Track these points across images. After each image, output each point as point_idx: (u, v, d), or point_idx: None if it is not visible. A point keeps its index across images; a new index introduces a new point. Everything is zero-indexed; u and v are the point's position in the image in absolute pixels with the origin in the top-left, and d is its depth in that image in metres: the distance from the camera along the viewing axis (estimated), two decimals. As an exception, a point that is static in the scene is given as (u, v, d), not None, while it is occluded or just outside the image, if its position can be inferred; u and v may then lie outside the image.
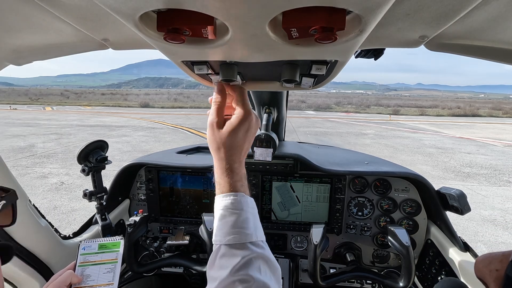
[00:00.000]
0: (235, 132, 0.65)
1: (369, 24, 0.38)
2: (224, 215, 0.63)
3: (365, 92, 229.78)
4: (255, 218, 0.66)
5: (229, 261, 0.59)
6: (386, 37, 0.56)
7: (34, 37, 0.62)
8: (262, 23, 0.39)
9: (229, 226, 0.62)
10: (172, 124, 15.50)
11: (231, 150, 0.66)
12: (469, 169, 7.61)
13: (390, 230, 1.23)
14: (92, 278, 0.75)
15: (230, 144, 0.66)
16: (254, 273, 0.57)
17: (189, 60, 0.58)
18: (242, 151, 0.68)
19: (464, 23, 0.49)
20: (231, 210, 0.63)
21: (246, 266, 0.57)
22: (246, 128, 0.67)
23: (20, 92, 57.68)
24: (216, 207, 0.66)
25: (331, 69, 0.62)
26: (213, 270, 0.61)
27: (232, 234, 0.61)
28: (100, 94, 59.33)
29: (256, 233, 0.63)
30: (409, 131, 14.69)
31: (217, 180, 0.67)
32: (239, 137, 0.66)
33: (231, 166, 0.66)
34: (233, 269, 0.57)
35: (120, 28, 0.57)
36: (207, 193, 1.64)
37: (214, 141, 0.67)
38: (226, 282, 0.57)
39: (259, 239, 0.63)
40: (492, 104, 43.01)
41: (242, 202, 0.64)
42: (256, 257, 0.59)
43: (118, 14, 0.38)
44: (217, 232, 0.63)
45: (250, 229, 0.62)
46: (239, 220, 0.62)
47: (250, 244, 0.60)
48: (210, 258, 0.63)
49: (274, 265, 0.62)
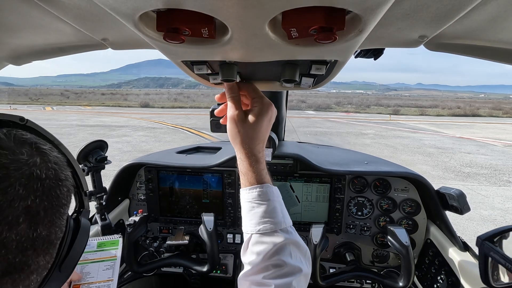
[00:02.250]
0: (260, 123, 0.68)
1: (368, 24, 0.38)
2: (252, 206, 0.66)
3: (365, 92, 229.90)
4: (282, 206, 0.69)
5: (261, 248, 0.62)
6: (386, 37, 0.56)
7: (34, 37, 0.62)
8: (262, 23, 0.39)
9: (259, 216, 0.65)
10: (172, 124, 15.50)
11: (256, 140, 0.68)
12: (469, 169, 7.61)
13: (389, 230, 1.23)
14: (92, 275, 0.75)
15: (256, 135, 0.68)
16: (286, 258, 0.61)
17: (188, 60, 0.58)
18: (265, 140, 0.71)
19: (463, 23, 0.49)
20: (259, 202, 0.66)
21: (278, 252, 0.61)
22: (269, 118, 0.70)
23: (20, 92, 57.73)
24: (243, 199, 0.69)
25: (331, 69, 0.62)
26: (246, 256, 0.65)
27: (263, 224, 0.64)
28: (100, 94, 59.38)
29: (284, 220, 0.66)
30: (409, 131, 14.70)
31: (244, 172, 0.69)
32: (264, 128, 0.69)
33: (256, 157, 0.68)
34: (266, 255, 0.61)
35: (120, 28, 0.57)
36: (207, 193, 1.64)
37: (237, 134, 0.68)
38: (260, 266, 0.61)
39: (288, 225, 0.66)
40: (492, 104, 43.04)
41: (269, 193, 0.67)
42: (287, 243, 0.63)
43: (117, 14, 0.38)
44: (247, 223, 0.67)
45: (279, 217, 0.65)
46: (268, 210, 0.65)
47: (280, 231, 0.64)
48: (243, 246, 0.67)
49: (303, 248, 0.66)
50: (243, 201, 0.69)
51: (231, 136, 0.70)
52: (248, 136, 0.68)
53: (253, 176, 0.67)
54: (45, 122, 15.40)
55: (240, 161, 0.70)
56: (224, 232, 1.70)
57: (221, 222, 1.65)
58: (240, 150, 0.69)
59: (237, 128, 0.68)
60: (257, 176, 0.67)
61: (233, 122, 0.68)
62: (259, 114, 0.68)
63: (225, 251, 1.69)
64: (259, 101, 0.69)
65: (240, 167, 0.70)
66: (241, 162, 0.70)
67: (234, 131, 0.69)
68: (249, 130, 0.68)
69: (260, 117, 0.68)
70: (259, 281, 0.60)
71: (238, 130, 0.68)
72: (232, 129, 0.69)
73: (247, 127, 0.68)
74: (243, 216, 0.69)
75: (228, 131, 0.71)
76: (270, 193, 0.67)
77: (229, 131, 0.70)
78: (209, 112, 1.11)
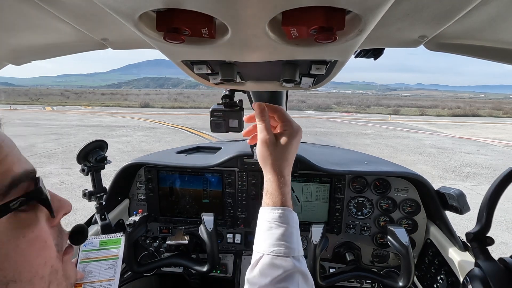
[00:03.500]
0: (290, 146, 0.71)
1: (368, 24, 0.38)
2: (270, 226, 0.66)
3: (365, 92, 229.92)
4: (298, 234, 0.69)
5: (271, 271, 0.62)
6: (386, 37, 0.56)
7: (33, 37, 0.62)
8: (262, 23, 0.39)
9: (275, 238, 0.65)
10: (172, 124, 15.50)
11: (286, 162, 0.71)
12: (469, 169, 7.61)
13: (389, 229, 1.23)
14: (94, 274, 0.75)
15: (285, 158, 0.71)
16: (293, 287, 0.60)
17: (188, 60, 0.58)
18: (292, 163, 0.74)
19: (464, 23, 0.49)
20: (278, 223, 0.66)
21: (286, 280, 0.61)
22: (298, 141, 0.73)
23: (20, 92, 57.71)
24: (263, 218, 0.70)
25: (331, 69, 0.62)
26: (253, 275, 0.64)
27: (277, 246, 0.64)
28: (100, 94, 59.36)
29: (298, 247, 0.66)
30: (409, 131, 14.70)
31: (270, 192, 0.70)
32: (293, 151, 0.73)
33: (285, 179, 0.70)
34: (274, 279, 0.61)
35: (120, 28, 0.57)
36: (207, 193, 1.64)
37: (269, 156, 0.71)
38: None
39: (300, 254, 0.66)
40: (492, 104, 43.03)
41: (289, 217, 0.67)
42: (296, 271, 0.62)
43: (117, 13, 0.38)
44: (261, 242, 0.67)
45: (294, 243, 0.65)
46: (285, 233, 0.65)
47: (292, 258, 0.63)
48: (251, 264, 0.66)
49: (310, 281, 0.65)
50: (262, 219, 0.70)
51: (262, 157, 0.72)
52: (279, 158, 0.70)
53: (278, 197, 0.68)
54: (45, 122, 15.39)
55: (269, 182, 0.71)
56: (224, 232, 1.70)
57: (221, 222, 1.65)
58: (270, 171, 0.71)
59: (269, 151, 0.70)
60: (282, 198, 0.68)
61: (265, 145, 0.71)
62: (289, 137, 0.71)
63: (225, 251, 1.69)
64: (290, 125, 0.73)
65: (267, 187, 0.72)
66: (269, 183, 0.71)
67: (266, 154, 0.71)
68: (280, 153, 0.70)
69: (291, 141, 0.71)
70: None
71: (270, 153, 0.70)
72: (263, 152, 0.72)
73: (278, 149, 0.70)
74: (258, 234, 0.69)
75: (258, 153, 0.74)
76: (291, 218, 0.67)
77: (260, 153, 0.73)
78: (209, 112, 1.11)
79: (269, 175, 0.72)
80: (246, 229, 1.68)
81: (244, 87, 0.83)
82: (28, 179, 0.40)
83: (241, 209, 1.63)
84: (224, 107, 1.10)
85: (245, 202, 1.62)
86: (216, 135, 9.62)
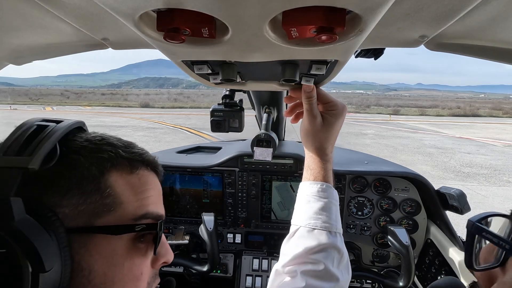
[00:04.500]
0: (336, 125, 0.72)
1: (369, 24, 0.38)
2: (309, 200, 0.66)
3: (365, 92, 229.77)
4: (337, 210, 0.68)
5: (306, 243, 0.61)
6: (386, 37, 0.56)
7: (34, 37, 0.62)
8: (262, 22, 0.39)
9: (313, 211, 0.64)
10: (172, 124, 15.50)
11: (330, 141, 0.72)
12: (469, 169, 7.62)
13: (390, 229, 1.23)
14: None
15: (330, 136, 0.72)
16: (327, 262, 0.59)
17: (189, 60, 0.58)
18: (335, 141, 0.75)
19: (464, 23, 0.49)
20: (317, 197, 0.66)
21: (321, 253, 0.60)
22: (343, 120, 0.74)
23: (20, 92, 57.77)
24: (302, 192, 0.70)
25: (331, 69, 0.62)
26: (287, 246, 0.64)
27: (314, 219, 0.63)
28: (100, 94, 59.41)
29: (337, 224, 0.65)
30: (409, 131, 14.70)
31: (311, 167, 0.71)
32: (338, 129, 0.73)
33: (328, 156, 0.71)
34: (309, 251, 0.60)
35: (120, 28, 0.57)
36: (207, 193, 1.64)
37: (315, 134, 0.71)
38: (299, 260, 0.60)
39: (338, 230, 0.65)
40: (492, 104, 43.06)
41: (329, 192, 0.67)
42: (332, 247, 0.61)
43: (117, 13, 0.38)
44: (299, 215, 0.67)
45: (332, 219, 0.64)
46: (324, 207, 0.65)
47: (329, 233, 0.62)
48: (288, 236, 0.66)
49: (345, 258, 0.64)
50: (301, 193, 0.70)
51: (307, 135, 0.73)
52: (324, 137, 0.71)
53: (320, 172, 0.68)
54: (45, 122, 15.36)
55: (311, 158, 0.72)
56: (224, 232, 1.70)
57: (221, 222, 1.65)
58: (313, 148, 0.72)
59: (315, 130, 0.71)
60: (324, 173, 0.68)
61: (312, 124, 0.71)
62: (336, 117, 0.72)
63: (225, 251, 1.69)
64: (335, 104, 0.72)
65: (308, 162, 0.72)
66: (311, 159, 0.71)
67: (312, 132, 0.71)
68: (325, 131, 0.71)
69: (337, 120, 0.72)
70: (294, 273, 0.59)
71: (316, 132, 0.71)
72: (309, 130, 0.72)
73: (324, 128, 0.71)
74: (297, 208, 0.69)
75: (303, 131, 0.74)
76: (330, 193, 0.67)
77: (306, 131, 0.73)
78: (209, 112, 1.11)
79: (311, 152, 0.72)
80: (247, 229, 1.68)
81: (245, 87, 0.83)
82: (155, 219, 0.47)
83: (241, 209, 1.63)
84: (225, 107, 1.10)
85: (245, 202, 1.62)
86: (216, 135, 9.62)
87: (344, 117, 0.74)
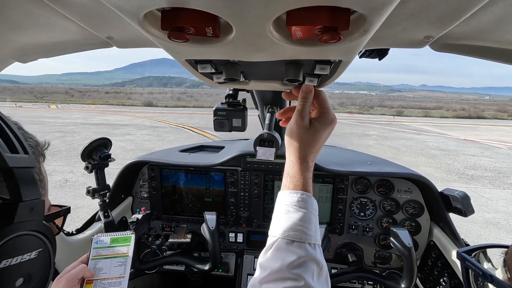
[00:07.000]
0: (321, 134, 0.69)
1: (373, 24, 0.38)
2: (288, 210, 0.64)
3: (369, 93, 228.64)
4: (317, 221, 0.66)
5: (285, 256, 0.59)
6: (391, 37, 0.56)
7: (39, 35, 0.63)
8: (266, 22, 0.39)
9: (292, 222, 0.62)
10: (175, 123, 15.55)
11: (313, 149, 0.69)
12: (473, 171, 7.55)
13: (392, 231, 1.22)
14: (104, 271, 0.76)
15: (313, 144, 0.69)
16: (307, 276, 0.57)
17: (192, 59, 0.58)
18: (319, 151, 0.72)
19: (470, 24, 0.48)
20: (297, 207, 0.63)
21: (300, 267, 0.58)
22: (330, 131, 0.72)
23: (25, 90, 58.23)
24: (281, 201, 0.67)
25: (335, 69, 0.62)
26: (265, 259, 0.62)
27: (293, 231, 0.61)
28: (104, 92, 59.73)
29: (316, 236, 0.63)
30: (413, 133, 14.61)
31: (291, 174, 0.68)
32: (323, 139, 0.71)
33: (308, 164, 0.68)
34: (288, 265, 0.58)
35: (125, 27, 0.58)
36: (209, 192, 1.65)
37: (297, 138, 0.69)
38: (277, 276, 0.57)
39: (317, 242, 0.63)
40: (497, 106, 42.60)
41: (309, 202, 0.65)
42: (311, 260, 0.59)
43: (122, 12, 0.38)
44: (277, 226, 0.64)
45: (312, 230, 0.62)
46: (303, 218, 0.62)
47: (308, 245, 0.60)
48: (265, 248, 0.64)
49: (325, 271, 0.62)
50: (280, 203, 0.67)
51: (290, 138, 0.71)
52: (306, 144, 0.68)
53: (299, 181, 0.66)
54: (50, 120, 15.53)
55: (291, 164, 0.69)
56: (226, 231, 1.70)
57: (223, 221, 1.66)
58: (294, 154, 0.69)
59: (299, 133, 0.69)
60: (303, 182, 0.66)
61: (297, 127, 0.69)
62: (323, 125, 0.69)
63: (227, 250, 1.70)
64: (327, 113, 0.71)
65: (288, 169, 0.70)
66: (291, 165, 0.69)
67: (295, 135, 0.69)
68: (310, 138, 0.68)
69: (323, 129, 0.69)
70: None
71: (299, 136, 0.68)
72: (293, 133, 0.70)
73: (309, 134, 0.68)
74: (275, 218, 0.67)
75: (287, 133, 0.72)
76: (310, 204, 0.65)
77: (289, 134, 0.71)
78: (212, 111, 1.11)
79: (292, 157, 0.70)
80: (248, 229, 1.68)
81: (248, 87, 0.83)
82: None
83: (243, 208, 1.64)
84: (228, 106, 1.10)
85: (248, 201, 1.62)
86: (219, 134, 9.63)
87: (331, 129, 0.72)
